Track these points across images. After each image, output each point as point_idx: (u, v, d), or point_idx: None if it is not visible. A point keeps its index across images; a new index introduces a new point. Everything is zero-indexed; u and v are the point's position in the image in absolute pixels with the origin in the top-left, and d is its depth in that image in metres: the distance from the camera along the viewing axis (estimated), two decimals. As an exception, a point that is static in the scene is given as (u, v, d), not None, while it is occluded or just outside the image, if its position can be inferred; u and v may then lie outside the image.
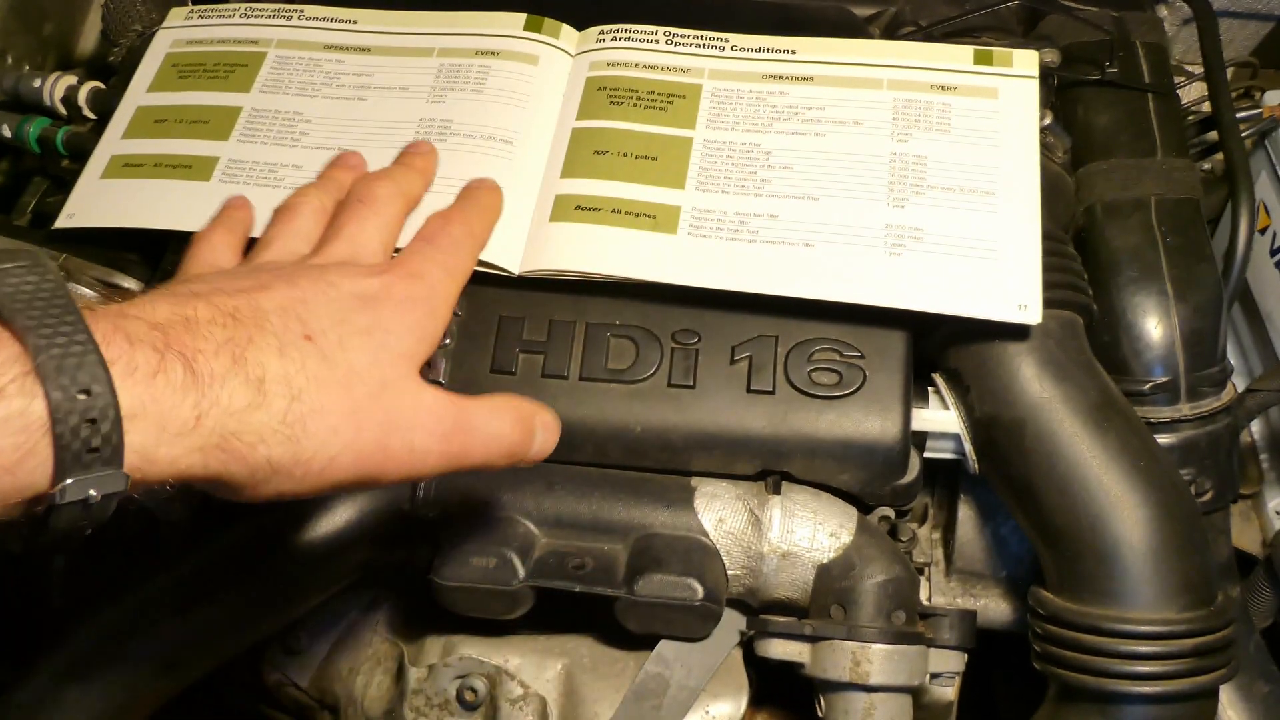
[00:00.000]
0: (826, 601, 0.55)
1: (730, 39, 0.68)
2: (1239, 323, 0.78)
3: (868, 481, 0.57)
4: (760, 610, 0.58)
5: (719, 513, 0.56)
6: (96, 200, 0.64)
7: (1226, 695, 0.59)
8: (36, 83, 0.74)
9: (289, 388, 0.38)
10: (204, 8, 0.73)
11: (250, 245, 0.54)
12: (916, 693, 0.57)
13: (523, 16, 0.69)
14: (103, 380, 0.32)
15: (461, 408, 0.44)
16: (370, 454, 0.40)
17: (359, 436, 0.39)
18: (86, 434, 0.31)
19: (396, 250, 0.53)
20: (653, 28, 0.68)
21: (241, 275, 0.45)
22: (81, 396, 0.31)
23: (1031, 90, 0.63)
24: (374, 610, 0.64)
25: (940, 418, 0.59)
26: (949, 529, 0.65)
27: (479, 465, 0.45)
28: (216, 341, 0.36)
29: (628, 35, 0.68)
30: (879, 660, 0.53)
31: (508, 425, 0.45)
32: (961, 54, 0.65)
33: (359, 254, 0.49)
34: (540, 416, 0.47)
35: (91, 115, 0.73)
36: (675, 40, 0.67)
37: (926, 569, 0.64)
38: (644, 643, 0.57)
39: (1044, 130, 0.64)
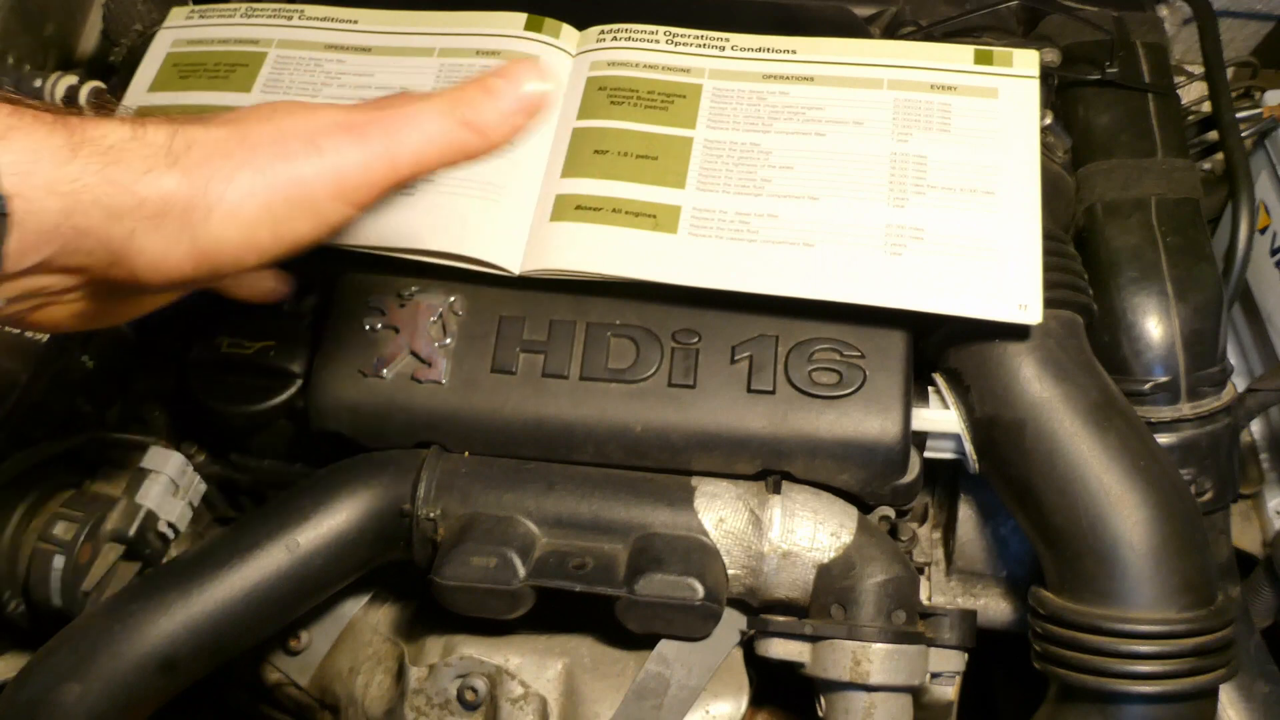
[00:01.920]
0: (827, 601, 0.55)
1: (730, 39, 0.68)
2: (1239, 323, 0.78)
3: (868, 481, 0.57)
4: (760, 610, 0.58)
5: (719, 512, 0.56)
6: None
7: (1226, 695, 0.59)
8: (37, 83, 0.74)
9: (169, 125, 0.37)
10: (205, 8, 0.73)
11: None
12: (917, 692, 0.56)
13: (523, 16, 0.69)
14: None
15: (372, 102, 0.41)
16: (274, 169, 0.37)
17: (254, 155, 0.37)
18: None
19: None
20: (653, 27, 0.68)
21: None
22: None
23: (1032, 90, 0.63)
24: (374, 610, 0.64)
25: (940, 417, 0.59)
26: (949, 529, 0.65)
27: (426, 154, 0.40)
28: (87, 112, 0.37)
29: (628, 35, 0.68)
30: (879, 660, 0.53)
31: (436, 103, 0.41)
32: (962, 54, 0.65)
33: None
34: (484, 84, 0.41)
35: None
36: (675, 40, 0.67)
37: (927, 568, 0.64)
38: (644, 642, 0.57)
39: (1044, 130, 0.64)
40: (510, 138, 0.42)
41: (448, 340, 0.59)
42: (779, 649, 0.56)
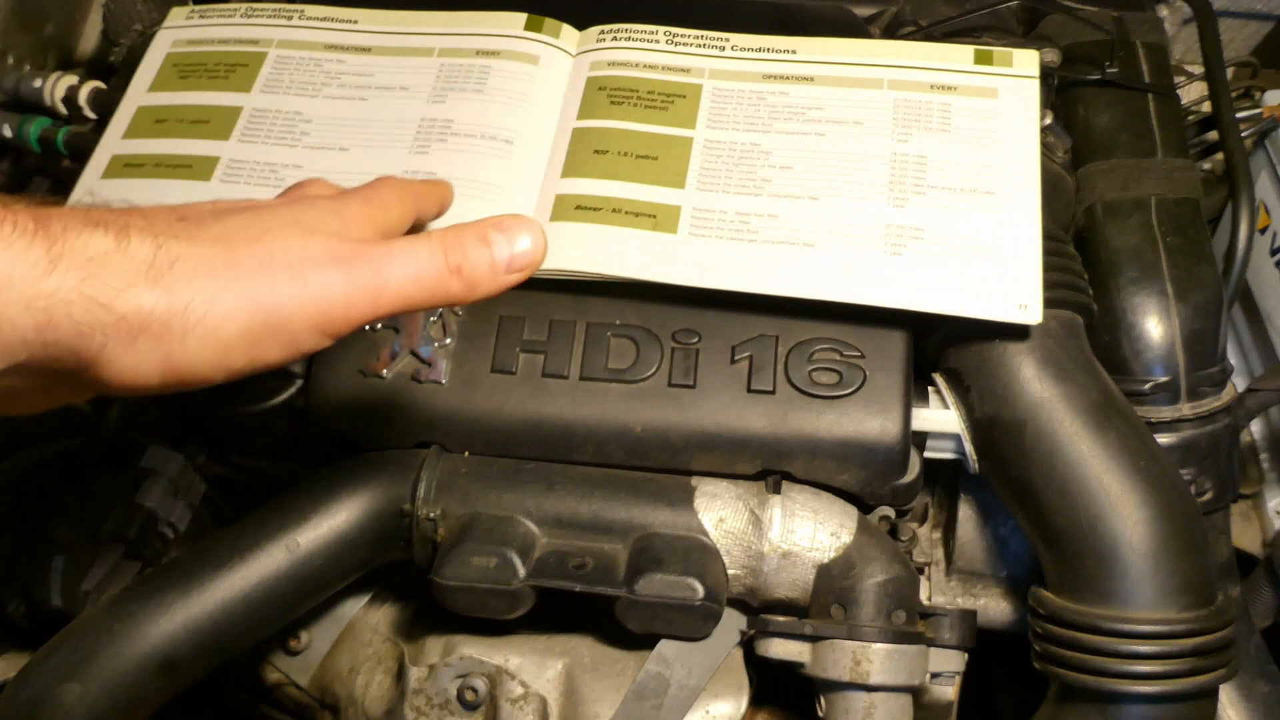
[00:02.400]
0: (827, 601, 0.55)
1: (730, 39, 0.68)
2: (1239, 323, 0.78)
3: (868, 481, 0.57)
4: (760, 610, 0.58)
5: (719, 512, 0.56)
6: (97, 200, 0.64)
7: (1226, 695, 0.59)
8: (37, 83, 0.74)
9: (155, 238, 0.36)
10: (205, 8, 0.73)
11: None
12: (917, 692, 0.56)
13: (523, 16, 0.69)
14: None
15: (366, 238, 0.40)
16: (258, 296, 0.37)
17: (239, 280, 0.37)
18: None
19: None
20: (653, 27, 0.68)
21: None
22: None
23: (1032, 90, 0.63)
24: (374, 610, 0.64)
25: (940, 417, 0.59)
26: (949, 529, 0.65)
27: (410, 294, 0.40)
28: (70, 213, 0.35)
29: (628, 35, 0.68)
30: (879, 660, 0.53)
31: (429, 243, 0.41)
32: (962, 54, 0.65)
33: None
34: (480, 233, 0.42)
35: (92, 115, 0.73)
36: (675, 40, 0.68)
37: (927, 568, 0.64)
38: (644, 642, 0.57)
39: (1044, 130, 0.64)
40: (495, 293, 0.43)
41: (448, 340, 0.59)
42: (779, 649, 0.56)
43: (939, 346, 0.60)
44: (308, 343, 0.39)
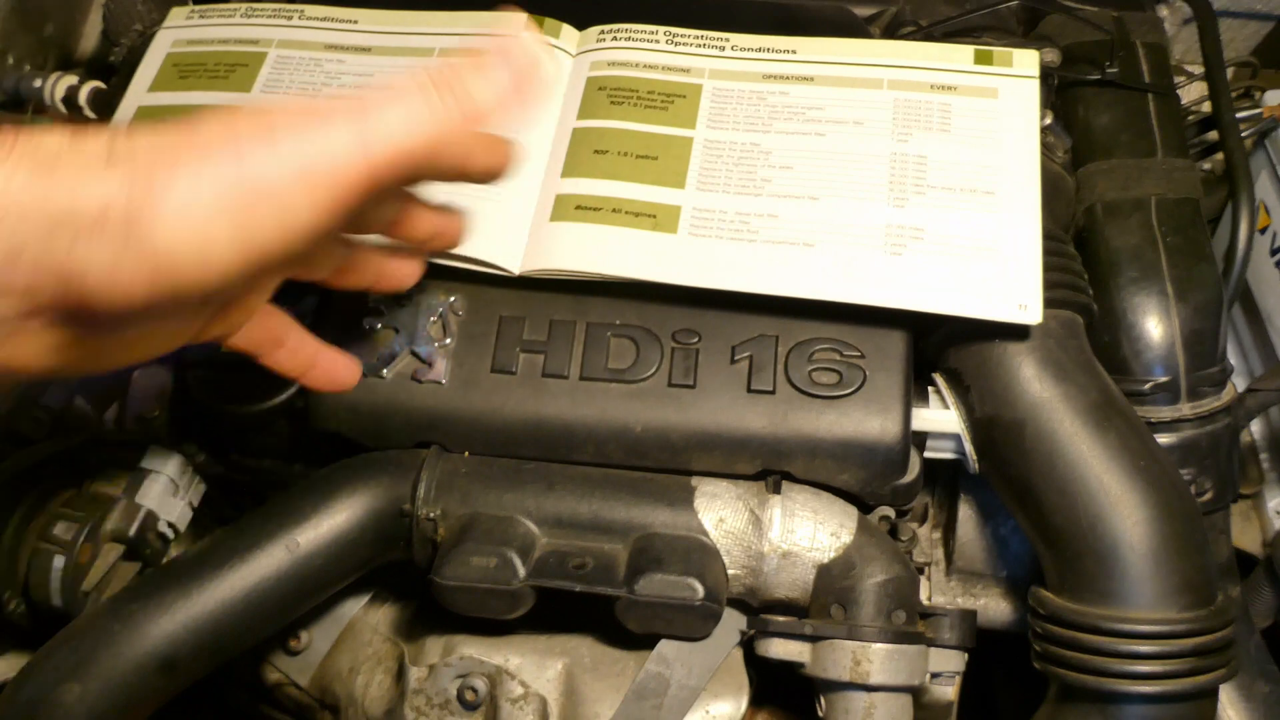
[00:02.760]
0: (827, 601, 0.55)
1: (730, 39, 0.68)
2: (1239, 323, 0.78)
3: (868, 481, 0.57)
4: (760, 610, 0.58)
5: (719, 512, 0.56)
6: None
7: (1226, 695, 0.59)
8: (37, 83, 0.74)
9: (114, 133, 0.34)
10: (205, 7, 0.73)
11: None
12: (917, 692, 0.56)
13: (523, 17, 0.69)
14: None
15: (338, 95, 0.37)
16: (221, 167, 0.34)
17: (204, 157, 0.34)
18: None
19: None
20: (653, 27, 0.68)
21: None
22: None
23: (1032, 90, 0.63)
24: (374, 610, 0.64)
25: (940, 417, 0.59)
26: (949, 529, 0.65)
27: (404, 142, 0.36)
28: (30, 125, 0.34)
29: (628, 35, 0.68)
30: (879, 660, 0.53)
31: (417, 79, 0.37)
32: (962, 54, 0.65)
33: None
34: (471, 60, 0.37)
35: (92, 115, 0.73)
36: (676, 40, 0.68)
37: (927, 568, 0.64)
38: (644, 642, 0.57)
39: (1044, 130, 0.64)
40: (504, 119, 0.38)
41: (448, 340, 0.59)
42: (779, 649, 0.56)
43: (939, 346, 0.60)
44: (301, 209, 0.35)
